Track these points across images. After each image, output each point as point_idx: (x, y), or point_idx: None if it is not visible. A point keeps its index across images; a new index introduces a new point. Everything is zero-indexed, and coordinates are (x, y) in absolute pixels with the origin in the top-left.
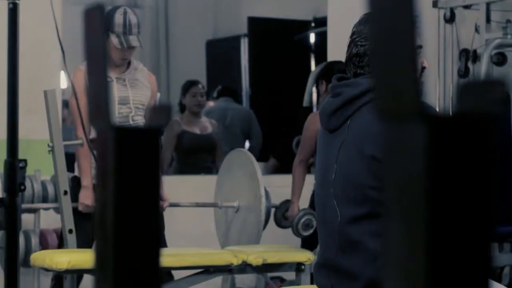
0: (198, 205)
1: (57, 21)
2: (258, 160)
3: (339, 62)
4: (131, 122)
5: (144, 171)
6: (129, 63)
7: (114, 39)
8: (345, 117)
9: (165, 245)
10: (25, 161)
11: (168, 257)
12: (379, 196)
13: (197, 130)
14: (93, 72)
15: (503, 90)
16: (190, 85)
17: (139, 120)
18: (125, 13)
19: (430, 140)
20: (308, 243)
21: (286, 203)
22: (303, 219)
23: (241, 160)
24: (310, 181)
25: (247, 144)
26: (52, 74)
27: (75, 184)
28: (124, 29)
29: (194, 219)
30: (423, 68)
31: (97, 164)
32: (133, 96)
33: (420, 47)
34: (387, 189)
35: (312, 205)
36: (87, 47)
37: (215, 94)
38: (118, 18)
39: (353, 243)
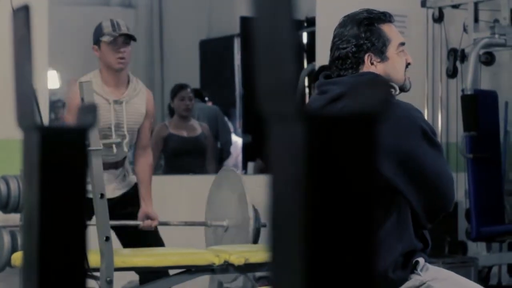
0: (187, 223)
1: (44, 21)
2: (248, 159)
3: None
4: (125, 149)
5: (70, 171)
6: (128, 81)
7: (105, 38)
8: None
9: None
10: None
11: (149, 257)
12: None
13: (184, 133)
14: (20, 72)
15: (387, 90)
16: (178, 89)
17: (127, 143)
18: (111, 19)
19: (309, 140)
20: None
21: None
22: None
23: (230, 180)
24: None
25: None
26: (40, 74)
27: None
28: (113, 27)
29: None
30: (408, 63)
31: (24, 165)
32: (128, 123)
33: (403, 44)
34: (269, 192)
35: None
36: (14, 47)
37: None
38: (105, 23)
39: None
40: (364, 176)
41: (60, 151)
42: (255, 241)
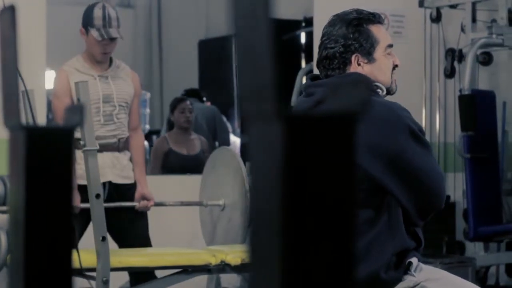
0: (183, 203)
1: (42, 21)
2: (247, 160)
3: None
4: (115, 120)
5: (55, 171)
6: (111, 61)
7: (94, 33)
8: None
9: (149, 245)
10: None
11: (145, 257)
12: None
13: (184, 150)
14: (6, 72)
15: (367, 90)
16: (177, 102)
17: (123, 118)
18: (103, 8)
19: (287, 140)
20: None
21: None
22: None
23: (226, 158)
24: None
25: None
26: (38, 74)
27: None
28: (104, 22)
29: (181, 219)
30: (395, 66)
31: (10, 165)
32: (117, 94)
33: (391, 46)
34: (251, 191)
35: None
36: (1, 48)
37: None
38: (97, 12)
39: None
40: (342, 175)
41: (45, 151)
42: None
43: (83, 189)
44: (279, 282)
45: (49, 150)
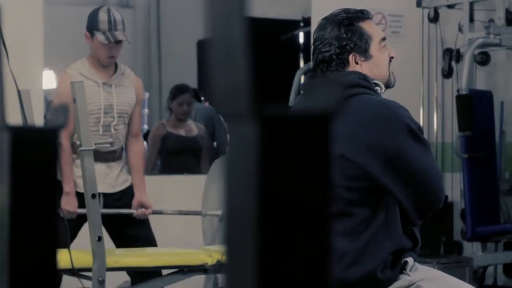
0: (181, 212)
1: (39, 20)
2: None
3: None
4: (112, 131)
5: (40, 171)
6: (116, 67)
7: (100, 36)
8: None
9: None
10: None
11: (141, 257)
12: (349, 195)
13: (182, 132)
14: None
15: (341, 90)
16: (178, 92)
17: (121, 129)
18: (108, 11)
19: (262, 140)
20: None
21: None
22: None
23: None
24: None
25: None
26: (35, 74)
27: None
28: (109, 25)
29: (179, 219)
30: (391, 58)
31: None
32: (117, 105)
33: (384, 39)
34: (225, 190)
35: None
36: None
37: None
38: (102, 15)
39: None
40: (317, 175)
41: (30, 151)
42: None
43: (81, 195)
44: (254, 281)
45: (34, 150)
